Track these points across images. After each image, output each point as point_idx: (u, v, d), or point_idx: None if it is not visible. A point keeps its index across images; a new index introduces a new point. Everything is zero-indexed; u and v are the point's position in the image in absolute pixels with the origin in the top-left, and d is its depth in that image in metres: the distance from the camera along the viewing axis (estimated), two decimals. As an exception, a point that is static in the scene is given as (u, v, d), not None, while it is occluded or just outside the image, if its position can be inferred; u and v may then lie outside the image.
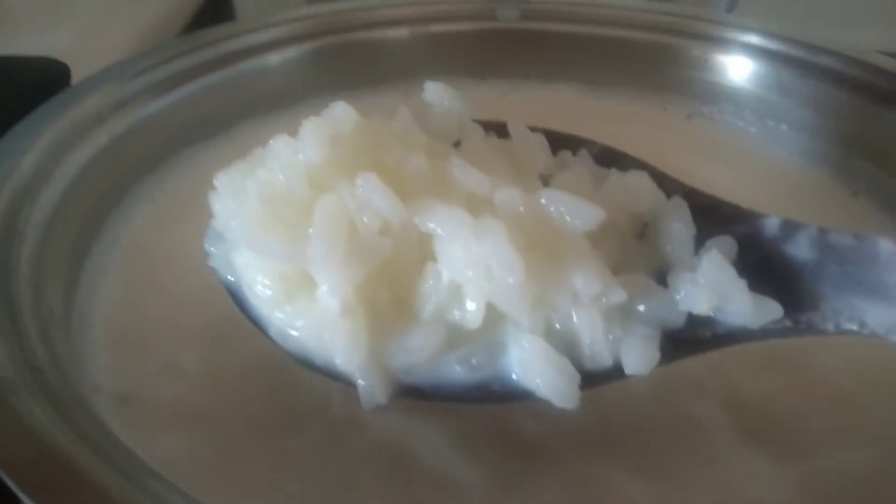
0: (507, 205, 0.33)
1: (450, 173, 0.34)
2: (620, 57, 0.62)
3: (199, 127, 0.56)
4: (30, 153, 0.44)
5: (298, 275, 0.34)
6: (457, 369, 0.33)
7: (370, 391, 0.33)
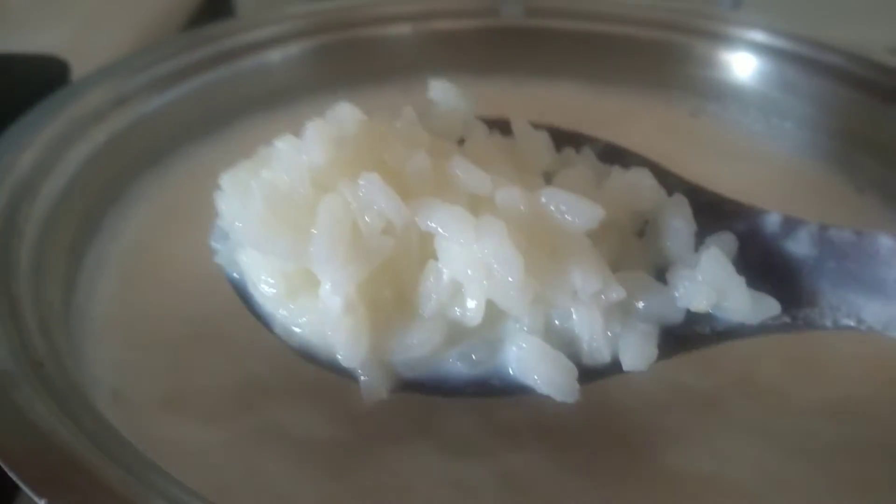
0: (507, 203, 0.33)
1: (452, 172, 0.34)
2: (624, 54, 0.62)
3: (198, 123, 0.56)
4: (30, 149, 0.44)
5: (302, 273, 0.34)
6: (457, 365, 0.34)
7: (372, 386, 0.33)
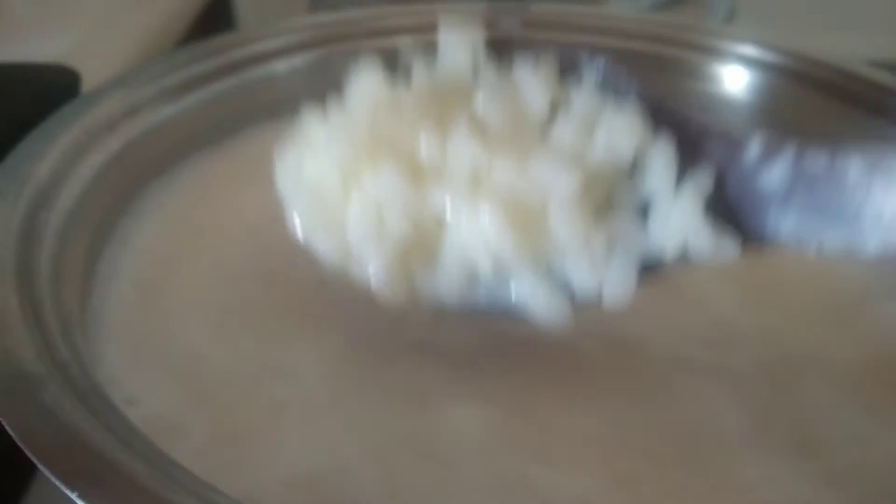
0: (501, 179, 0.36)
1: (452, 150, 0.37)
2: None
3: (207, 133, 0.57)
4: (47, 158, 0.46)
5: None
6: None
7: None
